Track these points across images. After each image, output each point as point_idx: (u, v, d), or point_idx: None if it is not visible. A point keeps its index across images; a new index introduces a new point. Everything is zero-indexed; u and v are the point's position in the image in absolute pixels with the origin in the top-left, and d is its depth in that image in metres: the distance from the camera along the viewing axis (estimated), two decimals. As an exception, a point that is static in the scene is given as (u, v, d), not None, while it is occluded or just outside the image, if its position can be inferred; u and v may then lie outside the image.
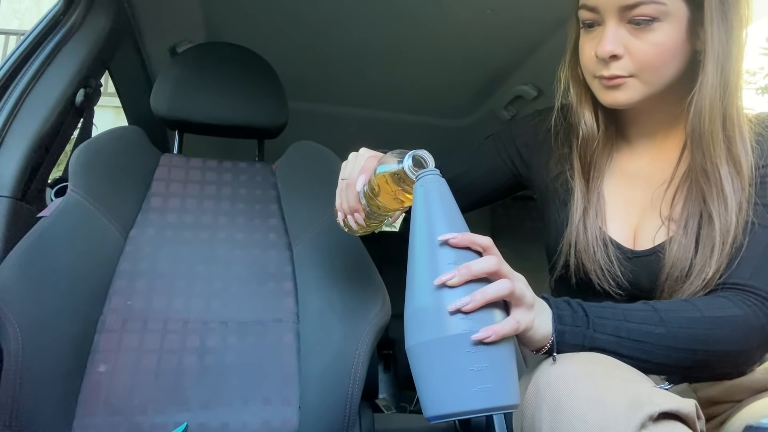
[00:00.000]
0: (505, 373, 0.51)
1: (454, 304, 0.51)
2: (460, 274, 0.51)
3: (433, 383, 0.52)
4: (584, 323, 0.58)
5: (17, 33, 5.28)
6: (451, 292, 0.52)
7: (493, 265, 0.53)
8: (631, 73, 0.67)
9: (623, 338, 0.58)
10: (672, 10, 0.64)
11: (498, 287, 0.52)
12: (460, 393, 0.50)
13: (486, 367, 0.50)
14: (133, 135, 1.12)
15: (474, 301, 0.51)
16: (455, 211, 0.56)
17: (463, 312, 0.51)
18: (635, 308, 0.61)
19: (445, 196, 0.56)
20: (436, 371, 0.51)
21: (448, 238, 0.53)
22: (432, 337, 0.51)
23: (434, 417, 0.52)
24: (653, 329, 0.58)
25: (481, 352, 0.50)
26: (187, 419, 0.87)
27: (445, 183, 0.57)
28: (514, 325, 0.52)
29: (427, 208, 0.56)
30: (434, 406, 0.52)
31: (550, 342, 0.57)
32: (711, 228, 0.65)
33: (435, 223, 0.54)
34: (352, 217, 0.71)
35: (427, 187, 0.57)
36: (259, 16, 1.35)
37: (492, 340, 0.50)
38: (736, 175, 0.66)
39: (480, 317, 0.51)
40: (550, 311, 0.58)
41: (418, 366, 0.53)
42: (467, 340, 0.50)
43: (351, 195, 0.70)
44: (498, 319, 0.52)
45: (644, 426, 0.47)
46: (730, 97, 0.65)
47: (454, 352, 0.50)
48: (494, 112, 1.78)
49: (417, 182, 0.58)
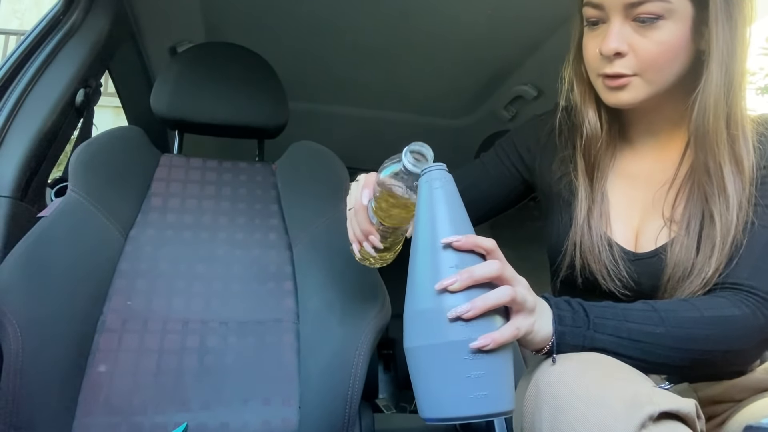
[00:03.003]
0: (502, 379, 0.51)
1: (454, 311, 0.50)
2: (462, 280, 0.51)
3: (430, 386, 0.52)
4: (584, 324, 0.58)
5: (17, 33, 5.28)
6: (452, 297, 0.51)
7: (495, 270, 0.52)
8: (635, 72, 0.67)
9: (623, 338, 0.58)
10: (677, 8, 0.64)
11: (499, 294, 0.52)
12: (456, 399, 0.50)
13: (483, 375, 0.50)
14: (133, 135, 1.12)
15: (474, 308, 0.50)
16: (460, 209, 0.55)
17: (463, 319, 0.50)
18: (635, 308, 0.61)
19: (450, 194, 0.55)
20: (433, 375, 0.51)
21: (451, 241, 0.52)
22: (431, 342, 0.51)
23: (430, 419, 0.52)
24: (653, 329, 0.58)
25: (479, 359, 0.50)
26: (187, 419, 0.87)
27: (450, 179, 0.56)
28: (514, 332, 0.52)
29: (430, 206, 0.54)
30: (430, 409, 0.52)
31: (551, 343, 0.57)
32: (712, 228, 0.65)
33: (438, 224, 0.53)
34: (368, 242, 0.69)
35: (431, 184, 0.55)
36: (259, 16, 1.35)
37: (491, 348, 0.50)
38: (738, 174, 0.66)
39: (480, 324, 0.51)
40: (550, 312, 0.58)
41: (416, 368, 0.53)
42: (465, 347, 0.50)
43: (361, 218, 0.69)
44: (498, 326, 0.52)
45: (644, 426, 0.47)
46: (734, 97, 0.65)
47: (452, 358, 0.50)
48: (494, 112, 1.78)
49: (422, 178, 0.56)
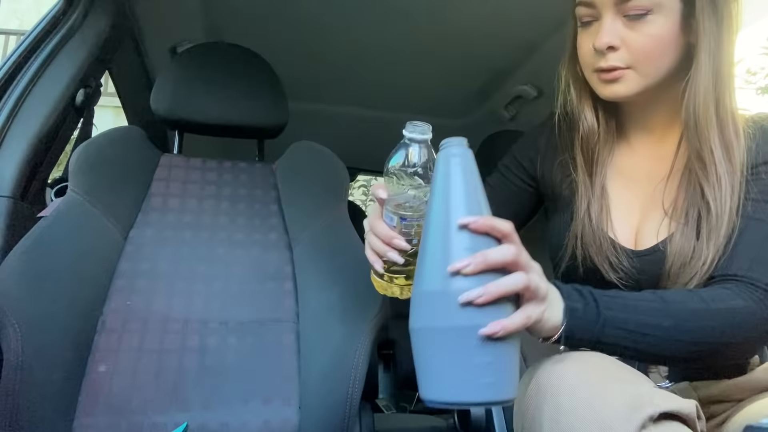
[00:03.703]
0: (508, 367, 0.50)
1: (466, 296, 0.49)
2: (476, 263, 0.49)
3: (434, 368, 0.50)
4: (594, 317, 0.57)
5: (17, 33, 5.27)
6: (464, 281, 0.49)
7: (510, 255, 0.51)
8: (629, 65, 0.69)
9: (632, 331, 0.58)
10: (665, 2, 0.67)
11: (513, 281, 0.50)
12: (461, 383, 0.49)
13: (490, 362, 0.48)
14: (133, 135, 1.12)
15: (487, 294, 0.49)
16: (478, 188, 0.53)
17: (474, 304, 0.49)
18: (644, 299, 0.61)
19: (468, 171, 0.53)
20: (439, 357, 0.50)
21: (467, 222, 0.50)
22: (439, 324, 0.50)
23: (431, 401, 0.50)
24: (661, 321, 0.58)
25: (488, 345, 0.48)
26: (187, 419, 0.87)
27: (470, 155, 0.54)
28: (524, 320, 0.51)
29: (447, 183, 0.52)
30: (433, 391, 0.50)
31: (558, 334, 0.56)
32: (709, 213, 0.67)
33: (454, 203, 0.51)
34: (393, 250, 0.62)
35: (449, 160, 0.53)
36: (259, 16, 1.35)
37: (500, 335, 0.49)
38: (728, 160, 0.68)
39: (490, 310, 0.49)
40: (561, 302, 0.57)
41: (421, 349, 0.51)
42: (474, 333, 0.48)
43: (380, 229, 0.63)
44: (508, 312, 0.50)
45: (644, 426, 0.47)
46: (722, 85, 0.68)
47: (460, 342, 0.49)
48: (494, 112, 1.77)
49: (440, 153, 0.54)
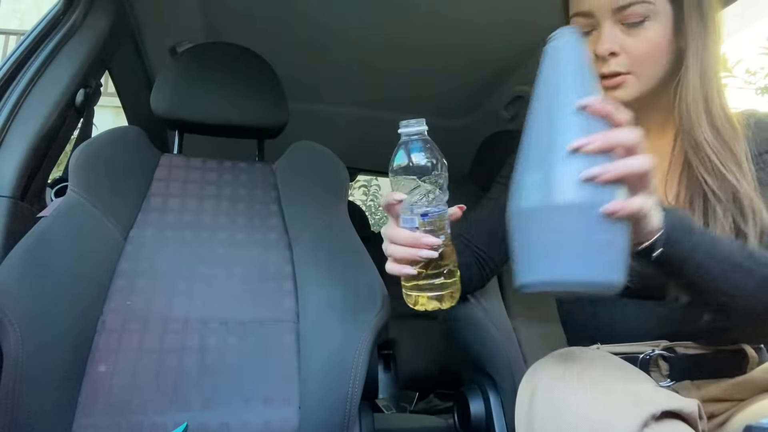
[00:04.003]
0: (623, 251, 0.49)
1: (591, 171, 0.47)
2: (604, 139, 0.48)
3: (546, 249, 0.49)
4: (688, 236, 0.57)
5: (17, 33, 5.28)
6: (583, 159, 0.48)
7: (636, 137, 0.49)
8: (629, 70, 0.72)
9: (717, 261, 0.58)
10: (659, 9, 0.71)
11: (642, 162, 0.49)
12: (579, 261, 0.47)
13: (609, 240, 0.47)
14: (133, 135, 1.12)
15: (616, 170, 0.47)
16: (590, 73, 0.52)
17: (597, 181, 0.47)
18: (727, 239, 0.62)
19: (580, 56, 0.52)
20: (552, 237, 0.48)
21: (587, 104, 0.49)
22: (557, 201, 0.48)
23: (540, 283, 0.49)
24: (743, 262, 0.59)
25: (607, 223, 0.47)
26: (187, 419, 0.87)
27: (581, 41, 0.53)
28: (641, 206, 0.50)
29: (558, 69, 0.51)
30: (542, 272, 0.49)
31: (655, 238, 0.55)
32: (716, 200, 0.68)
33: (572, 85, 0.50)
34: (423, 249, 0.60)
35: (559, 48, 0.52)
36: (259, 16, 1.35)
37: (620, 215, 0.48)
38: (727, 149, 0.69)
39: (609, 190, 0.48)
40: (661, 211, 0.56)
41: (530, 230, 0.50)
42: (596, 211, 0.47)
43: (403, 234, 0.62)
44: (623, 197, 0.49)
45: (647, 425, 0.47)
46: (709, 83, 0.71)
47: (580, 220, 0.48)
48: (494, 112, 1.77)
49: (549, 43, 0.53)
